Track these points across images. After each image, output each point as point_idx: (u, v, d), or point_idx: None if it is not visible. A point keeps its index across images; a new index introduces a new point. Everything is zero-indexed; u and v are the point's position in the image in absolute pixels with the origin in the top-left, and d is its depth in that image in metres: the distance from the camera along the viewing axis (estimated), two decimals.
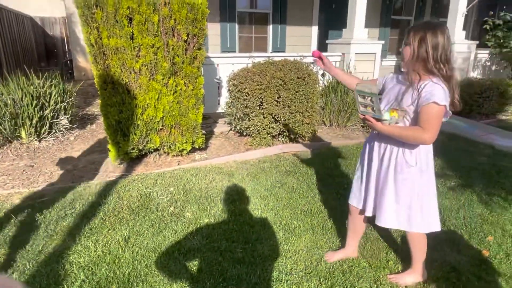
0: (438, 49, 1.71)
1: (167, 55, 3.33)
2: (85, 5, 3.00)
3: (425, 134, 1.71)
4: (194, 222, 2.74)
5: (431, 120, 1.71)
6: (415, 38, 1.74)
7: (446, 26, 1.78)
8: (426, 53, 1.71)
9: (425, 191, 1.91)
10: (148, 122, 3.47)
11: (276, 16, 8.00)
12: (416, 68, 1.77)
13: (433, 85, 1.72)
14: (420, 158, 1.87)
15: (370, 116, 1.81)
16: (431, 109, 1.69)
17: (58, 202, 2.99)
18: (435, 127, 1.71)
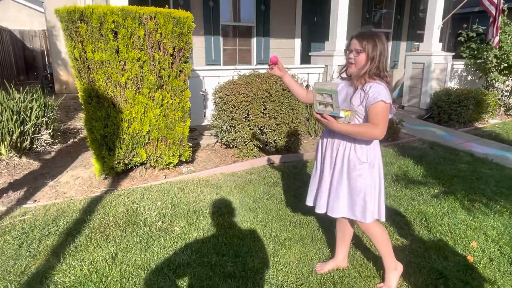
0: (383, 54, 1.93)
1: (153, 69, 3.32)
2: (69, 19, 2.97)
3: (376, 129, 1.88)
4: (183, 237, 2.70)
5: (380, 116, 1.88)
6: (368, 45, 1.91)
7: (383, 34, 2.00)
8: (375, 59, 1.91)
9: (377, 184, 2.07)
10: (134, 136, 3.43)
11: (259, 29, 8.10)
12: (366, 73, 1.94)
13: (377, 85, 1.91)
14: (370, 154, 2.03)
15: (327, 114, 1.91)
16: (379, 106, 1.87)
17: (41, 219, 2.90)
18: (384, 122, 1.89)
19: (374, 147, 2.04)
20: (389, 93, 1.91)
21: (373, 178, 2.05)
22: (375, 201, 2.08)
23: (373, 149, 2.04)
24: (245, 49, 8.35)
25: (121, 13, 3.04)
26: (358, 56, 1.93)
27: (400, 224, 2.93)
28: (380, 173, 2.09)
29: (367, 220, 2.07)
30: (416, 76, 7.15)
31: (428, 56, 6.81)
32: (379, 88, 1.89)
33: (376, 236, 2.15)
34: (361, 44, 1.92)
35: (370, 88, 1.90)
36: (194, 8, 7.12)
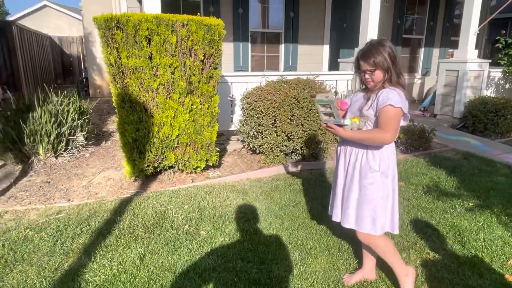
0: (396, 60, 1.92)
1: (184, 75, 3.40)
2: (106, 26, 3.09)
3: (384, 134, 1.86)
4: (209, 241, 2.72)
5: (389, 121, 1.86)
6: (378, 60, 1.90)
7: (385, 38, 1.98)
8: (389, 68, 1.90)
9: (389, 194, 2.01)
10: (164, 140, 3.51)
11: (288, 35, 8.11)
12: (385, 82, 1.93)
13: (388, 90, 1.89)
14: (383, 163, 1.97)
15: (332, 123, 1.95)
16: (388, 110, 1.85)
17: (74, 218, 3.02)
18: (393, 127, 1.86)
19: (389, 156, 1.99)
20: (402, 98, 1.88)
21: (386, 188, 1.99)
22: (386, 213, 2.02)
23: (387, 158, 1.98)
24: (273, 56, 8.38)
25: (155, 20, 3.14)
26: (373, 74, 1.93)
27: (431, 237, 2.82)
28: (394, 183, 2.02)
29: (377, 233, 2.01)
30: (450, 84, 6.90)
31: (463, 63, 6.56)
32: (390, 93, 1.87)
33: (380, 247, 2.08)
34: (370, 63, 1.91)
35: (381, 93, 1.90)
36: (224, 15, 7.23)
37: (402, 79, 1.94)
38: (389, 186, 1.99)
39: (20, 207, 3.24)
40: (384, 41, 1.93)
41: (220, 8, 7.30)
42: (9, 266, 2.39)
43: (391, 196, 2.01)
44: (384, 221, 2.01)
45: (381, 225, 2.00)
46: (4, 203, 3.33)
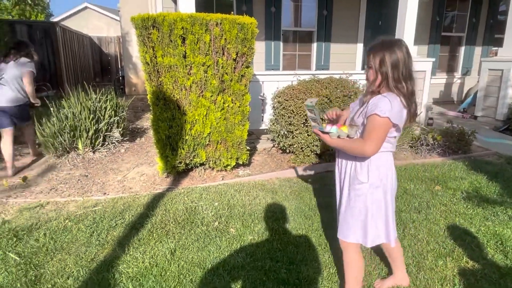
0: (398, 67, 1.72)
1: (216, 73, 3.43)
2: (143, 26, 3.18)
3: (364, 145, 1.72)
4: (238, 239, 2.73)
5: (372, 131, 1.71)
6: (375, 60, 1.75)
7: (403, 41, 1.78)
8: (387, 73, 1.72)
9: (382, 206, 1.88)
10: (196, 137, 3.56)
11: (320, 34, 8.00)
12: (380, 88, 1.78)
13: (380, 97, 1.73)
14: (372, 174, 1.83)
15: (317, 129, 1.85)
16: (373, 120, 1.71)
17: (109, 211, 3.13)
18: (375, 139, 1.71)
19: (378, 166, 1.83)
20: (395, 107, 1.70)
21: (376, 200, 1.86)
22: (378, 225, 1.89)
23: (375, 169, 1.83)
24: (304, 54, 8.29)
25: (190, 19, 3.19)
26: (369, 71, 1.79)
27: (471, 245, 2.67)
28: (387, 195, 1.88)
29: (367, 244, 1.91)
30: (493, 83, 6.53)
31: (507, 62, 6.19)
32: (381, 100, 1.72)
33: (349, 261, 2.01)
34: (369, 59, 1.77)
35: (373, 99, 1.76)
36: (257, 14, 7.23)
37: (404, 86, 1.73)
38: (379, 198, 1.86)
39: (60, 199, 3.40)
40: (395, 42, 1.76)
41: (252, 7, 7.31)
42: (50, 254, 2.52)
43: (383, 208, 1.88)
44: (376, 234, 1.90)
45: (372, 238, 1.90)
46: (46, 194, 3.52)
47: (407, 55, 1.74)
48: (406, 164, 4.48)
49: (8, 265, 2.37)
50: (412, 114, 1.79)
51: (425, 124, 6.05)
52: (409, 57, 1.75)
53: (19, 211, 3.14)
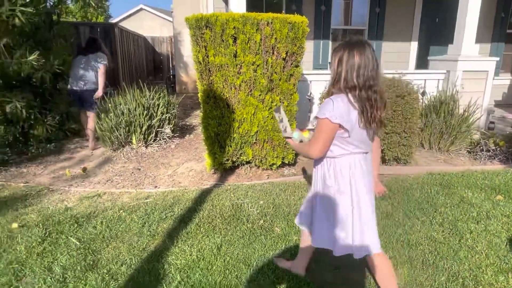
0: (353, 68, 1.68)
1: (265, 72, 3.45)
2: (196, 26, 3.28)
3: (309, 147, 1.78)
4: (283, 238, 2.73)
5: (316, 134, 1.77)
6: (335, 59, 1.75)
7: (367, 43, 1.73)
8: (341, 73, 1.72)
9: (348, 214, 1.83)
10: (243, 136, 3.61)
11: (372, 32, 7.73)
12: (334, 88, 1.78)
13: (328, 100, 1.73)
14: (339, 180, 1.82)
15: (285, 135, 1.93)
16: (317, 123, 1.76)
17: (160, 204, 3.27)
18: (318, 141, 1.74)
19: (342, 169, 1.81)
20: (337, 108, 1.68)
21: (342, 206, 1.82)
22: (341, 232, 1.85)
23: (339, 172, 1.81)
24: None
25: (242, 19, 3.23)
26: (331, 69, 1.79)
27: None
28: (354, 201, 1.81)
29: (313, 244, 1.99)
30: None
31: None
32: (325, 102, 1.73)
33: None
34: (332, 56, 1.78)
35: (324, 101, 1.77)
36: (306, 13, 7.12)
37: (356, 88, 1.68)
38: (346, 204, 1.82)
39: (115, 190, 3.61)
40: (357, 44, 1.71)
41: (302, 6, 7.24)
42: (106, 241, 2.68)
43: (350, 215, 1.82)
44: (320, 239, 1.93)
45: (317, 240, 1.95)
46: (103, 185, 3.75)
47: (368, 58, 1.69)
48: (463, 170, 4.20)
49: (70, 249, 2.56)
50: (370, 118, 1.72)
51: (485, 128, 5.62)
52: (370, 61, 1.69)
53: (80, 200, 3.39)
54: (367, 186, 1.84)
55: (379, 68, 1.74)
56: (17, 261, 2.42)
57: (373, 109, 1.72)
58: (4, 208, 3.15)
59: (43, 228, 2.82)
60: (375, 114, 1.73)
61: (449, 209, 3.19)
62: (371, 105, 1.71)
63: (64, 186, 3.68)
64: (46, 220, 2.95)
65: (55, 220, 2.95)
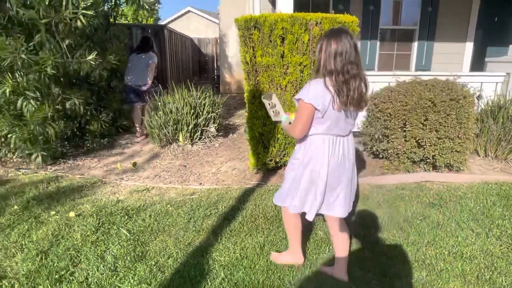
0: (331, 55, 1.83)
1: (312, 73, 3.41)
2: (245, 26, 3.32)
3: (292, 128, 2.02)
4: (326, 242, 2.68)
5: (296, 116, 2.01)
6: (317, 47, 1.93)
7: (344, 32, 1.86)
8: (320, 60, 1.90)
9: (306, 183, 2.05)
10: (287, 137, 3.59)
11: (423, 32, 7.38)
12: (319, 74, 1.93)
13: (306, 84, 1.95)
14: (302, 152, 2.07)
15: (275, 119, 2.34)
16: (299, 104, 1.95)
17: (204, 201, 3.35)
18: (297, 121, 1.97)
19: (306, 146, 2.04)
20: (312, 90, 1.87)
21: (303, 176, 2.05)
22: (299, 197, 2.10)
23: (303, 148, 2.06)
24: (403, 54, 7.76)
25: (290, 20, 3.22)
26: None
27: None
28: (314, 176, 2.03)
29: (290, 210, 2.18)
30: None
31: None
32: (308, 85, 1.91)
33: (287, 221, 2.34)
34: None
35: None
36: (353, 13, 6.93)
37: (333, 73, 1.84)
38: (305, 175, 2.05)
39: (163, 185, 3.76)
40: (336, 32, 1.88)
41: (349, 6, 7.09)
42: (154, 234, 2.79)
43: (308, 185, 2.05)
44: (294, 204, 2.12)
45: (291, 206, 2.15)
46: (152, 180, 3.92)
47: (345, 45, 1.82)
48: None
49: (120, 239, 2.70)
50: (347, 100, 1.86)
51: None
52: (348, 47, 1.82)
53: (130, 193, 3.56)
54: (336, 166, 2.02)
55: (358, 53, 1.88)
56: (73, 247, 2.59)
57: (350, 91, 1.86)
58: (63, 197, 3.39)
59: (97, 218, 2.99)
60: (352, 95, 1.86)
61: (508, 222, 2.97)
62: (348, 88, 1.85)
63: (115, 179, 3.89)
64: (99, 210, 3.13)
65: (107, 211, 3.12)
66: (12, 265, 2.39)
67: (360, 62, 1.88)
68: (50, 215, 3.04)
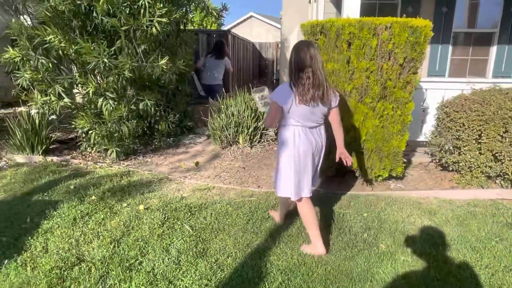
0: (293, 63, 2.38)
1: (379, 79, 3.29)
2: (311, 32, 3.32)
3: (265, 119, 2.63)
4: (389, 256, 2.57)
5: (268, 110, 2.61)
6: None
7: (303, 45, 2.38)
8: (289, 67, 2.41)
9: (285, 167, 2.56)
10: (350, 144, 3.50)
11: (503, 36, 6.74)
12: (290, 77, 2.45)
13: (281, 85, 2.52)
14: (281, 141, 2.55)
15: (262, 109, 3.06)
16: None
17: (263, 204, 3.39)
18: (268, 115, 2.53)
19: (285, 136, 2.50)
20: (278, 90, 2.46)
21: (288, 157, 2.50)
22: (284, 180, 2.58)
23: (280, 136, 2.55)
24: (479, 59, 7.16)
25: (358, 24, 3.15)
26: None
27: None
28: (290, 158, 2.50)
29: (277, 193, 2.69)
30: None
31: None
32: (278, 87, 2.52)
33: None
34: None
35: None
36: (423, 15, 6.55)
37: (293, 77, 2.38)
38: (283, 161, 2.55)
39: (223, 185, 3.88)
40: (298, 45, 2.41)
41: (420, 8, 6.72)
42: (214, 232, 2.90)
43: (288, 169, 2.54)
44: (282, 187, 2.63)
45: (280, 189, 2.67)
46: (212, 179, 4.07)
47: (305, 53, 2.31)
48: None
49: (184, 235, 2.84)
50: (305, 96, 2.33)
51: None
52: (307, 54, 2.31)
53: (192, 191, 3.73)
54: (302, 150, 2.48)
55: (314, 59, 2.30)
56: (142, 239, 2.79)
57: (305, 90, 2.32)
58: (133, 191, 3.66)
59: (163, 213, 3.18)
60: (310, 93, 2.32)
61: None
62: (303, 85, 2.32)
63: (180, 177, 4.10)
64: (165, 205, 3.33)
65: (172, 207, 3.30)
66: (89, 250, 2.64)
67: (315, 67, 2.31)
68: (122, 207, 3.30)
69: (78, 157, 4.75)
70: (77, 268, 2.41)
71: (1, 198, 3.53)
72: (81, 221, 3.04)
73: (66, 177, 4.01)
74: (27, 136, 4.57)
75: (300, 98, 2.33)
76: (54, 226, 2.96)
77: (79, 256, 2.56)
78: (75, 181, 3.86)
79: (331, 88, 2.45)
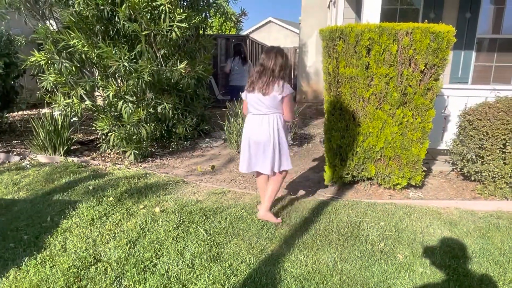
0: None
1: (399, 85, 3.24)
2: (330, 37, 3.29)
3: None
4: (406, 268, 2.50)
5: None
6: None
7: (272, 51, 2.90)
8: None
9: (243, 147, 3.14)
10: (367, 151, 3.45)
11: None
12: None
13: None
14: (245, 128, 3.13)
15: None
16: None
17: (277, 209, 3.37)
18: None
19: (246, 123, 3.08)
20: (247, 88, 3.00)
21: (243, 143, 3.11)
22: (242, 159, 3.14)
23: (245, 123, 3.10)
24: (504, 66, 6.95)
25: (378, 30, 3.11)
26: None
27: None
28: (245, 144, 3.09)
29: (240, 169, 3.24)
30: None
31: None
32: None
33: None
34: None
35: None
36: (446, 21, 6.43)
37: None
38: (243, 143, 3.10)
39: (238, 189, 3.88)
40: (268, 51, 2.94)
41: (442, 14, 6.59)
42: (228, 237, 2.89)
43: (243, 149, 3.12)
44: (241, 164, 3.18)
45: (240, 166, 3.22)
46: (228, 183, 4.07)
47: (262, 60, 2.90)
48: None
49: (198, 238, 2.85)
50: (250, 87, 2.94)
51: None
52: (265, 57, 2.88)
53: (208, 194, 3.74)
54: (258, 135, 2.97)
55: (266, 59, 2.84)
56: (157, 241, 2.81)
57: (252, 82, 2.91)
58: (150, 193, 3.70)
59: (178, 215, 3.20)
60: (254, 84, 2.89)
61: None
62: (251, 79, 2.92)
63: (195, 180, 4.13)
64: (181, 208, 3.35)
65: (187, 210, 3.32)
66: (106, 250, 2.68)
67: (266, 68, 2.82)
68: (138, 209, 3.34)
69: (97, 158, 4.85)
70: (94, 268, 2.45)
71: (24, 196, 3.63)
72: (98, 222, 3.10)
73: (85, 177, 4.09)
74: (50, 137, 4.71)
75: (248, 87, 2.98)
76: (73, 226, 3.02)
77: (96, 256, 2.60)
78: (94, 182, 3.94)
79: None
